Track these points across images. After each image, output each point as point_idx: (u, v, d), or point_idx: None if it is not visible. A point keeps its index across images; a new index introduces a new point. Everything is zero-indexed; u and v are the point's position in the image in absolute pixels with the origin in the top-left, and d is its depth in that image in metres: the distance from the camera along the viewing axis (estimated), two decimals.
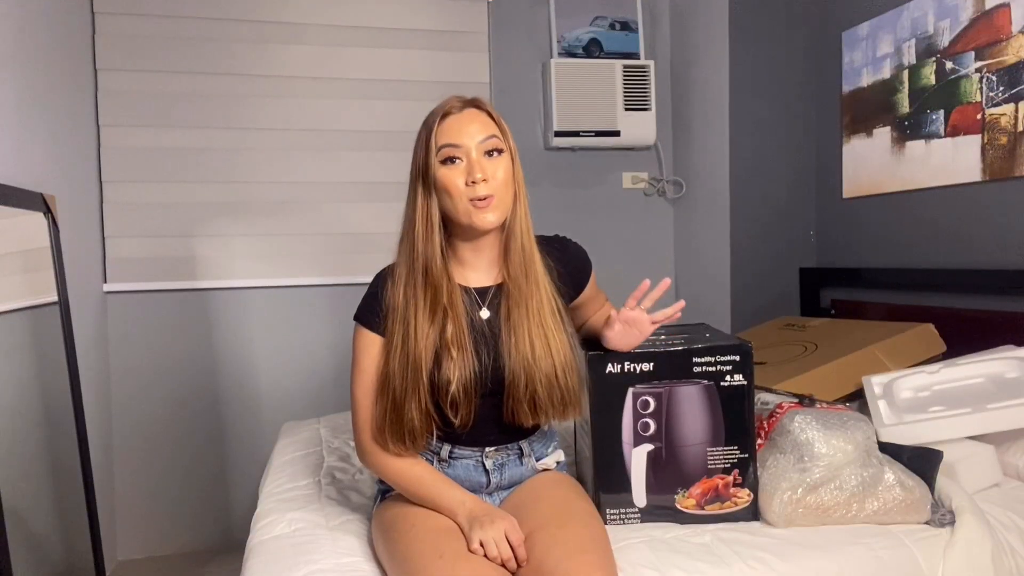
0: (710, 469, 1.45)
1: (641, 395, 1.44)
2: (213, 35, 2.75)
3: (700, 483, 1.45)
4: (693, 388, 1.44)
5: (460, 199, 1.28)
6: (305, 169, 2.84)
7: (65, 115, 2.36)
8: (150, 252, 2.72)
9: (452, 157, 1.29)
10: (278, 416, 2.78)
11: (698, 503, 1.45)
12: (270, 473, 1.93)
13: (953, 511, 1.48)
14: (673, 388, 1.44)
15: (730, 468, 1.45)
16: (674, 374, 1.44)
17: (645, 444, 1.44)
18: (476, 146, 1.29)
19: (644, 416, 1.44)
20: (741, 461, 1.45)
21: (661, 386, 1.44)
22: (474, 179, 1.27)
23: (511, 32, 3.05)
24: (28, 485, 1.80)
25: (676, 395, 1.44)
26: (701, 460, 1.45)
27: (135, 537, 2.72)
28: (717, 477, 1.45)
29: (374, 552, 1.38)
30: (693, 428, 1.44)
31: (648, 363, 1.44)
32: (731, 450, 1.45)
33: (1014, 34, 2.10)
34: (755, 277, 2.88)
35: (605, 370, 1.44)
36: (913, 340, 2.13)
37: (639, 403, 1.44)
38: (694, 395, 1.44)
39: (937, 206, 2.38)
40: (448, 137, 1.30)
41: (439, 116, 1.31)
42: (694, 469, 1.45)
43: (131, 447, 2.71)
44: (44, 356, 1.99)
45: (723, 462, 1.45)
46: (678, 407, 1.44)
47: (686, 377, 1.44)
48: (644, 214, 3.22)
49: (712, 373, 1.44)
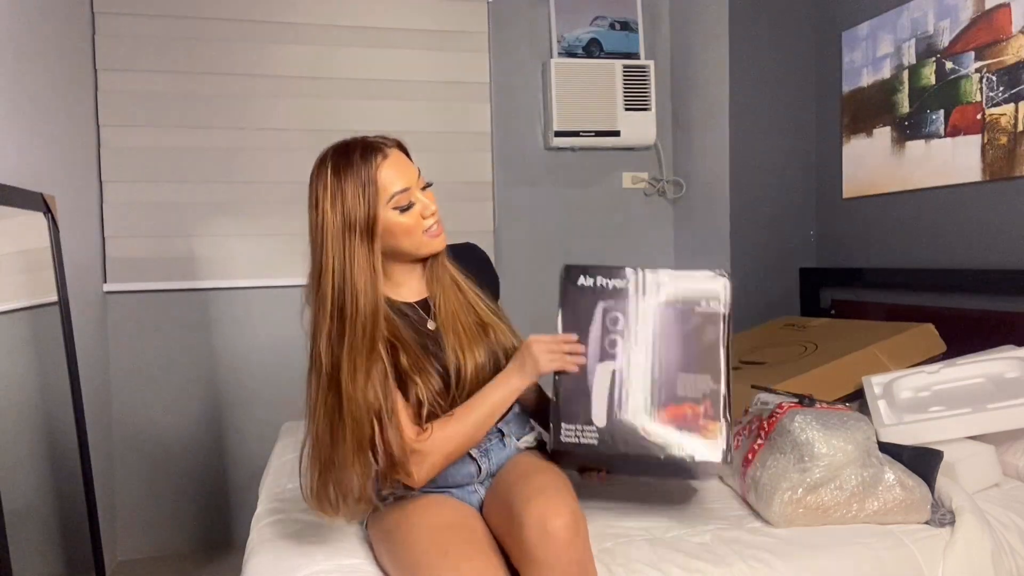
0: (679, 396, 1.35)
1: (611, 311, 1.38)
2: (213, 35, 2.75)
3: (667, 409, 1.35)
4: (667, 310, 1.37)
5: (419, 235, 1.35)
6: (305, 169, 2.81)
7: (65, 115, 2.36)
8: (150, 252, 2.72)
9: (410, 203, 1.33)
10: (278, 416, 2.77)
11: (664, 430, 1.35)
12: (270, 473, 1.93)
13: (953, 511, 1.48)
14: (646, 308, 1.37)
15: (701, 398, 1.34)
16: (648, 292, 1.38)
17: (611, 361, 1.36)
18: (416, 184, 1.35)
19: (612, 333, 1.37)
20: (714, 393, 1.35)
21: (633, 305, 1.38)
22: (430, 212, 1.35)
23: (511, 32, 3.04)
24: (28, 485, 1.80)
25: (648, 316, 1.37)
26: (670, 385, 1.36)
27: (135, 537, 2.72)
28: (687, 405, 1.34)
29: (374, 556, 1.38)
30: (663, 351, 1.37)
31: (620, 280, 1.39)
32: (703, 378, 1.35)
33: (1014, 34, 2.10)
34: (755, 277, 2.88)
35: (577, 281, 1.39)
36: (913, 340, 2.13)
37: (608, 319, 1.38)
38: (667, 317, 1.37)
39: (937, 206, 2.38)
40: (396, 184, 1.31)
41: (373, 167, 1.29)
42: (662, 394, 1.36)
43: (131, 447, 2.71)
44: (44, 356, 1.98)
45: (694, 390, 1.35)
46: (649, 328, 1.37)
47: (659, 299, 1.38)
48: (644, 214, 3.22)
49: (686, 297, 1.37)
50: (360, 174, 1.29)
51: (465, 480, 1.42)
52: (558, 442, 1.34)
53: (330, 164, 1.33)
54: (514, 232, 3.02)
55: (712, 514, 1.56)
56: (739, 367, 2.28)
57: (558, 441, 1.34)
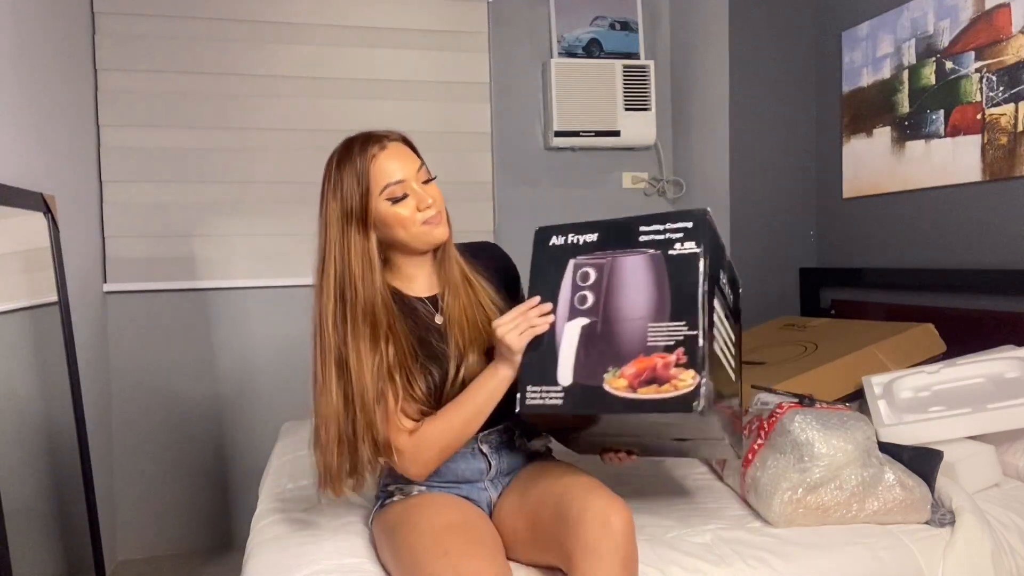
0: (649, 347, 1.25)
1: (582, 267, 1.32)
2: (213, 35, 2.75)
3: (635, 361, 1.25)
4: (638, 258, 1.29)
5: (415, 226, 1.35)
6: (305, 169, 2.84)
7: (65, 115, 2.36)
8: (150, 252, 2.72)
9: (403, 195, 1.33)
10: (278, 416, 2.77)
11: (631, 384, 1.24)
12: (270, 473, 1.93)
13: (953, 511, 1.48)
14: (616, 259, 1.31)
15: (673, 346, 1.23)
16: (620, 244, 1.31)
17: (580, 318, 1.30)
18: (414, 177, 1.35)
19: (583, 288, 1.31)
20: (688, 339, 1.23)
21: (604, 257, 1.32)
22: (426, 204, 1.34)
23: (511, 32, 3.04)
24: (28, 485, 1.81)
25: (619, 266, 1.30)
26: (640, 336, 1.26)
27: (135, 537, 2.72)
28: (657, 356, 1.24)
29: (376, 554, 1.39)
30: (634, 301, 1.28)
31: (592, 234, 1.34)
32: (677, 326, 1.24)
33: (1014, 34, 2.10)
34: (755, 277, 2.88)
35: (549, 241, 1.36)
36: (913, 340, 2.13)
37: (579, 275, 1.32)
38: (638, 265, 1.29)
39: (937, 206, 2.38)
40: (388, 177, 1.33)
41: (367, 159, 1.33)
42: (630, 346, 1.26)
43: (131, 447, 2.71)
44: (44, 356, 1.99)
45: (665, 339, 1.24)
46: (620, 279, 1.30)
47: (632, 246, 1.30)
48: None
49: (660, 242, 1.28)
50: (356, 165, 1.33)
51: (475, 476, 1.42)
52: (524, 405, 1.29)
53: (335, 156, 1.38)
54: (514, 232, 3.02)
55: (712, 514, 1.56)
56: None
57: (524, 404, 1.29)
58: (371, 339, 1.31)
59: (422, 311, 1.42)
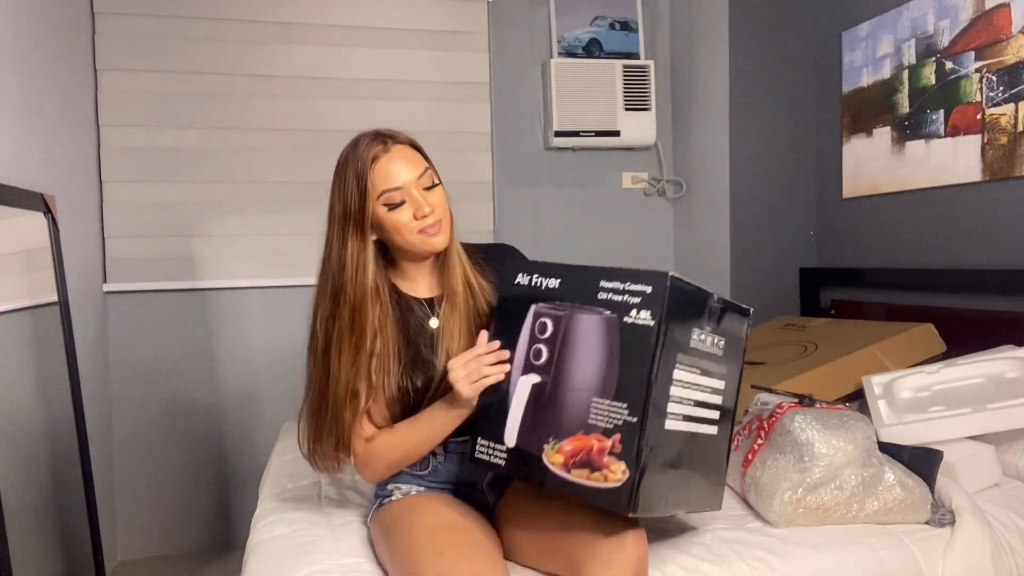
0: (589, 425, 1.15)
1: (541, 315, 1.23)
2: (213, 35, 2.75)
3: (574, 439, 1.16)
4: (594, 319, 1.17)
5: (411, 234, 1.33)
6: (305, 169, 2.84)
7: (65, 115, 2.36)
8: (150, 252, 2.72)
9: (400, 202, 1.31)
10: (278, 416, 2.77)
11: (566, 462, 1.17)
12: (270, 473, 1.93)
13: (953, 511, 1.48)
14: (574, 314, 1.19)
15: (612, 430, 1.13)
16: (580, 296, 1.20)
17: (533, 374, 1.22)
18: (415, 183, 1.32)
19: (539, 341, 1.22)
20: (627, 427, 1.12)
21: (563, 308, 1.21)
22: (423, 213, 1.31)
23: (511, 32, 3.04)
24: (28, 485, 1.80)
25: (575, 323, 1.19)
26: (583, 410, 1.16)
27: (135, 537, 2.72)
28: (595, 437, 1.14)
29: (375, 554, 1.39)
30: (584, 368, 1.17)
31: (555, 279, 1.23)
32: (619, 407, 1.13)
33: (1014, 34, 2.10)
34: (755, 277, 2.88)
35: (515, 280, 1.28)
36: (913, 340, 2.13)
37: (538, 325, 1.23)
38: (593, 328, 1.17)
39: (937, 206, 2.38)
40: (386, 182, 1.31)
41: (368, 161, 1.31)
42: (572, 420, 1.17)
43: (131, 447, 2.71)
44: (44, 356, 1.99)
45: (605, 420, 1.14)
46: (574, 338, 1.19)
47: (591, 302, 1.18)
48: (644, 214, 3.22)
49: (618, 304, 1.15)
50: (357, 166, 1.32)
51: (470, 479, 1.42)
52: (472, 456, 1.28)
53: (344, 153, 1.37)
54: (514, 232, 3.02)
55: (712, 514, 1.55)
56: None
57: (473, 455, 1.28)
58: (356, 342, 1.32)
59: (418, 313, 1.41)
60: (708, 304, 1.21)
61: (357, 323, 1.32)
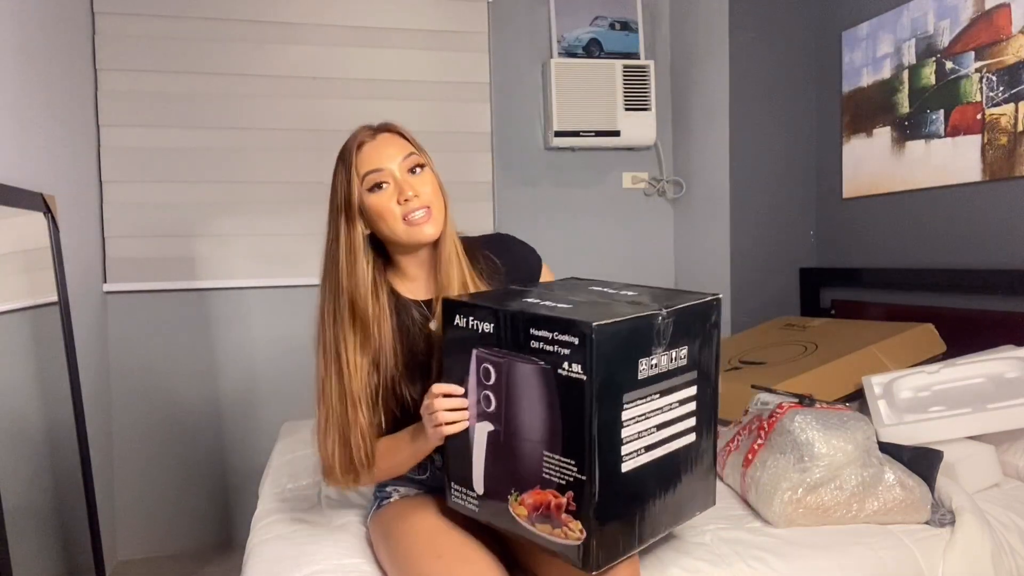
0: (544, 479, 1.11)
1: (484, 361, 1.16)
2: (213, 35, 2.75)
3: (533, 492, 1.12)
4: (529, 368, 1.10)
5: (396, 221, 1.29)
6: (305, 169, 2.84)
7: (65, 115, 2.36)
8: (150, 252, 2.72)
9: (379, 183, 1.29)
10: (278, 416, 2.77)
11: (529, 515, 1.14)
12: (270, 473, 1.93)
13: (953, 511, 1.48)
14: (512, 361, 1.12)
15: (564, 487, 1.08)
16: (513, 343, 1.12)
17: (486, 422, 1.17)
18: (398, 166, 1.30)
19: (486, 387, 1.16)
20: (577, 484, 1.07)
21: (500, 355, 1.14)
22: (406, 197, 1.28)
23: (511, 32, 3.04)
24: (28, 485, 1.80)
25: (514, 372, 1.12)
26: (536, 463, 1.12)
27: (135, 537, 2.72)
28: (551, 492, 1.10)
29: (374, 554, 1.38)
30: (530, 419, 1.12)
31: (489, 323, 1.15)
32: (568, 463, 1.08)
33: (1014, 34, 2.10)
34: (755, 277, 2.88)
35: (454, 320, 1.20)
36: (913, 340, 2.13)
37: (482, 370, 1.16)
38: (531, 377, 1.10)
39: (937, 206, 2.38)
40: (369, 164, 1.30)
41: (355, 148, 1.32)
42: (528, 472, 1.13)
43: (131, 447, 2.71)
44: (44, 356, 1.98)
45: (558, 476, 1.09)
46: (516, 387, 1.13)
47: (524, 351, 1.11)
48: (644, 214, 3.22)
49: (549, 354, 1.07)
50: (347, 156, 1.32)
51: None
52: (450, 500, 1.26)
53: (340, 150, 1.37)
54: (514, 232, 3.01)
55: (712, 514, 1.55)
56: (739, 367, 2.28)
57: (450, 499, 1.26)
58: (361, 335, 1.30)
59: (416, 316, 1.36)
60: (655, 326, 1.10)
61: (359, 314, 1.30)
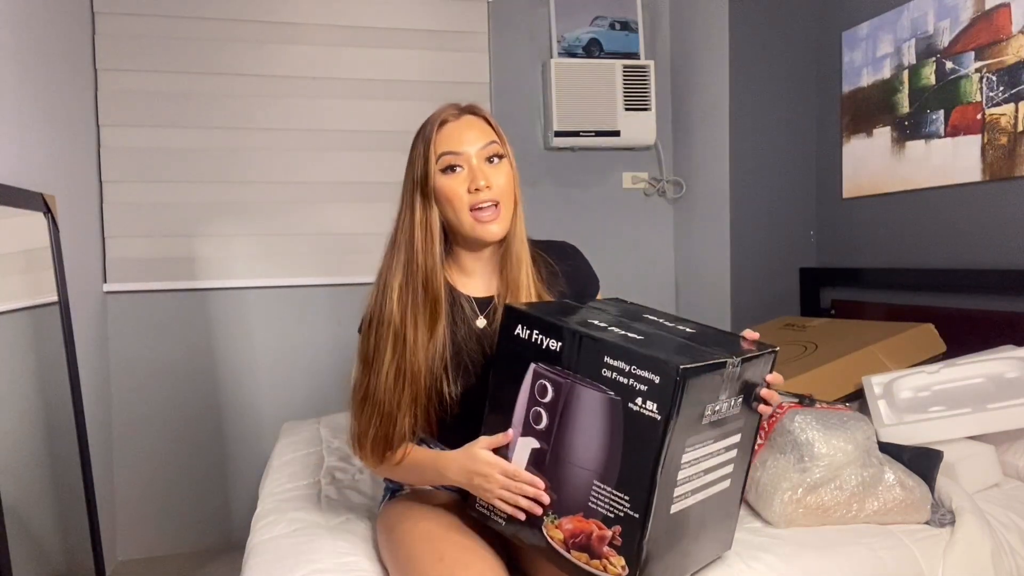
0: (590, 508, 1.08)
1: (541, 377, 1.13)
2: (213, 35, 2.75)
3: (574, 518, 1.10)
4: (596, 396, 1.07)
5: (463, 209, 1.27)
6: (305, 169, 2.84)
7: (65, 115, 2.36)
8: (150, 252, 2.72)
9: (453, 165, 1.27)
10: (278, 416, 2.78)
11: (565, 541, 1.11)
12: (270, 473, 1.93)
13: (953, 511, 1.48)
14: (576, 385, 1.09)
15: (612, 520, 1.06)
16: (582, 367, 1.08)
17: (532, 438, 1.14)
18: (476, 153, 1.27)
19: (539, 404, 1.13)
20: (628, 520, 1.04)
21: (563, 376, 1.10)
22: (477, 186, 1.25)
23: (511, 32, 3.04)
24: (28, 485, 1.80)
25: (577, 395, 1.09)
26: (584, 491, 1.09)
27: (135, 537, 2.72)
28: (595, 523, 1.08)
29: (376, 551, 1.39)
30: (585, 446, 1.08)
31: (557, 340, 1.11)
32: (620, 498, 1.05)
33: (1014, 34, 2.09)
34: (755, 277, 2.88)
35: (514, 330, 1.16)
36: (913, 340, 2.13)
37: (537, 387, 1.13)
38: (596, 405, 1.07)
39: (937, 206, 2.38)
40: (447, 145, 1.27)
41: (436, 124, 1.29)
42: (573, 498, 1.10)
43: (131, 447, 2.71)
44: (44, 356, 1.98)
45: (606, 508, 1.07)
46: (575, 411, 1.09)
47: (593, 377, 1.07)
48: (644, 214, 3.22)
49: (623, 386, 1.04)
50: (426, 131, 1.30)
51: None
52: (472, 507, 1.25)
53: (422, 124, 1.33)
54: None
55: None
56: None
57: (472, 507, 1.25)
58: (430, 316, 1.26)
59: (467, 311, 1.33)
60: (725, 372, 1.07)
61: (431, 294, 1.26)
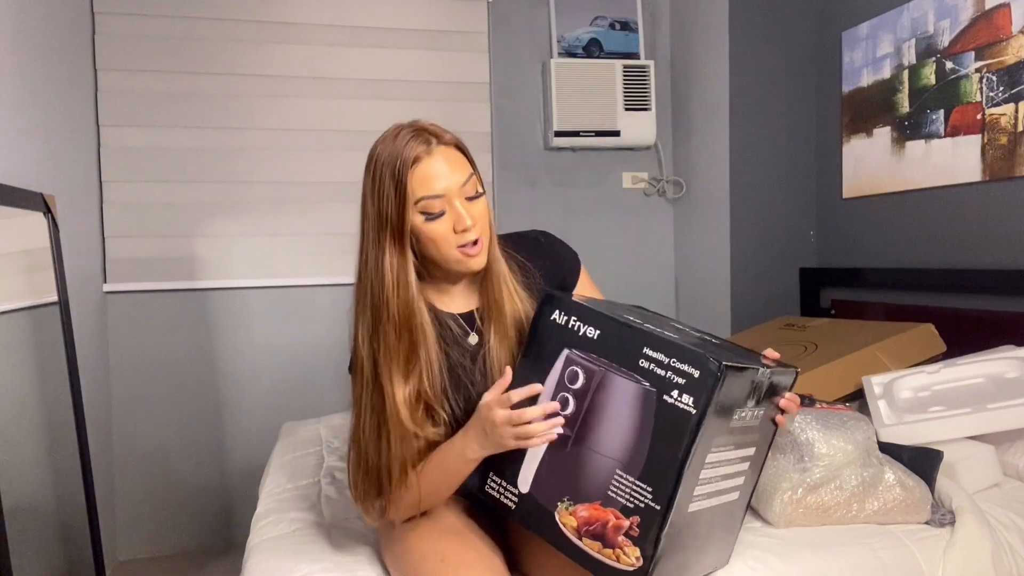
0: (609, 497, 1.09)
1: (573, 363, 1.14)
2: (213, 35, 2.75)
3: (591, 506, 1.11)
4: (631, 385, 1.09)
5: (449, 249, 1.21)
6: (305, 169, 2.84)
7: (65, 115, 2.36)
8: (150, 252, 2.72)
9: (437, 212, 1.18)
10: (278, 416, 2.77)
11: (579, 528, 1.12)
12: (270, 473, 1.93)
13: (953, 511, 1.48)
14: (609, 373, 1.11)
15: (631, 510, 1.07)
16: (618, 356, 1.11)
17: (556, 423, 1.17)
18: (457, 191, 1.19)
19: (568, 390, 1.14)
20: (647, 512, 1.06)
21: (598, 363, 1.12)
22: (464, 227, 1.19)
23: (511, 32, 3.05)
24: (28, 485, 1.80)
25: (609, 383, 1.11)
26: (604, 479, 1.10)
27: (135, 537, 2.72)
28: (612, 512, 1.09)
29: (376, 551, 1.38)
30: (612, 434, 1.10)
31: (595, 329, 1.13)
32: (642, 489, 1.06)
33: (1014, 34, 2.09)
34: (755, 277, 2.88)
35: (551, 315, 1.17)
36: (913, 340, 2.13)
37: (568, 372, 1.14)
38: (629, 394, 1.09)
39: (937, 206, 2.38)
40: (427, 188, 1.17)
41: (409, 163, 1.16)
42: (592, 486, 1.11)
43: (131, 447, 2.71)
44: (44, 356, 1.98)
45: (626, 498, 1.08)
46: (606, 398, 1.11)
47: (630, 367, 1.09)
48: (644, 214, 3.22)
49: (659, 378, 1.06)
50: (395, 166, 1.17)
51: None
52: (481, 489, 1.23)
53: (379, 148, 1.21)
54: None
55: None
56: None
57: (481, 488, 1.23)
58: (405, 362, 1.20)
59: (455, 329, 1.29)
60: (755, 380, 1.10)
61: (404, 340, 1.19)
